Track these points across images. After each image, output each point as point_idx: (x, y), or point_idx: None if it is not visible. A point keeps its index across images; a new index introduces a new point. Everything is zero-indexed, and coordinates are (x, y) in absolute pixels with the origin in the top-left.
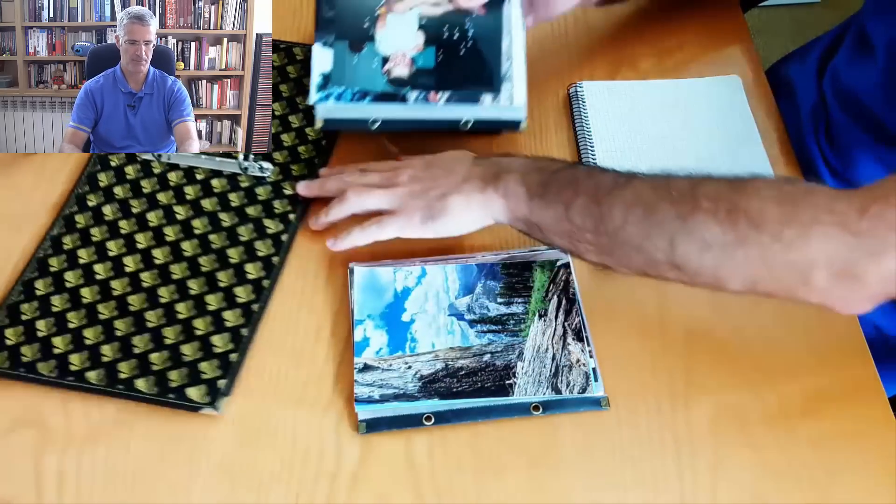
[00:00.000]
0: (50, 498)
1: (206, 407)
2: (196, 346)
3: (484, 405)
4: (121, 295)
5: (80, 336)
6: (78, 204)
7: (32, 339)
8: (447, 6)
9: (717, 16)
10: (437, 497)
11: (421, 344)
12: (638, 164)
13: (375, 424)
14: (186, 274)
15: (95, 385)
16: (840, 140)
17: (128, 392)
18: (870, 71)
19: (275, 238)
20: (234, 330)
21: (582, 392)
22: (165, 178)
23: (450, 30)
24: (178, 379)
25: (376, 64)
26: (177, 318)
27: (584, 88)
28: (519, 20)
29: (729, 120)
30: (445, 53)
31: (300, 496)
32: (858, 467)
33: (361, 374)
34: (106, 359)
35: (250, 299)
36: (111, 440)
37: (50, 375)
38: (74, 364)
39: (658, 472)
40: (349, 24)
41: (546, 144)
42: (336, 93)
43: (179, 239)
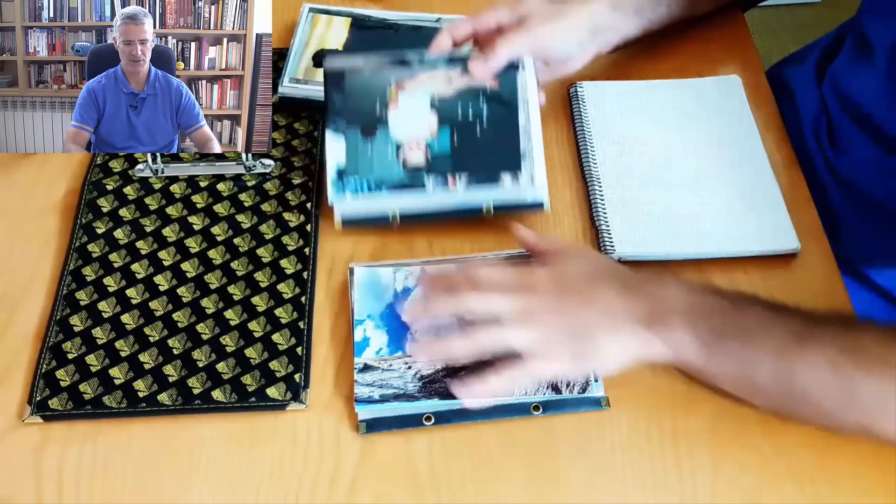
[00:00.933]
0: (50, 498)
1: (291, 403)
2: (259, 347)
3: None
4: (164, 314)
5: (137, 362)
6: (86, 234)
7: (87, 375)
8: (459, 82)
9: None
10: (437, 497)
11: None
12: (638, 164)
13: (375, 424)
14: (224, 281)
15: (170, 406)
16: (842, 142)
17: (207, 406)
18: (870, 75)
19: (300, 230)
20: (291, 325)
21: (582, 392)
22: (168, 192)
23: (463, 109)
24: (253, 382)
25: (391, 152)
26: (230, 326)
27: (583, 88)
28: (534, 87)
29: (729, 120)
30: (461, 136)
31: (300, 496)
32: (858, 468)
33: (361, 374)
34: (172, 378)
35: (296, 293)
36: (111, 440)
37: (121, 407)
38: (142, 390)
39: (658, 472)
40: (360, 109)
41: (546, 144)
42: (353, 184)
43: (204, 248)
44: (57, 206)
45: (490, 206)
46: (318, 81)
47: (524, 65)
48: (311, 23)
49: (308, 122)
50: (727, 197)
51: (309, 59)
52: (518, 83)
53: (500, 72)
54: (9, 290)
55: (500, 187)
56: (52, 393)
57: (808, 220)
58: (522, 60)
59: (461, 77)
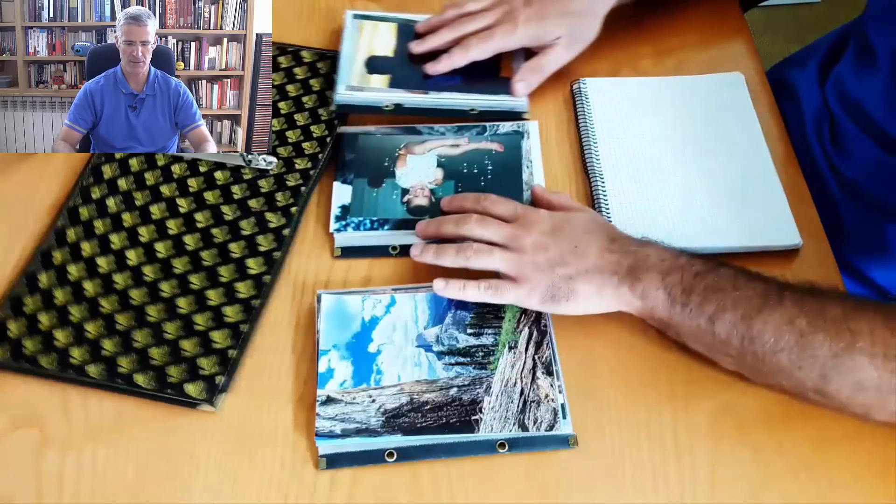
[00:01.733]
0: (50, 498)
1: (203, 403)
2: (196, 341)
3: (448, 441)
4: (122, 289)
5: (82, 330)
6: (82, 196)
7: (34, 331)
8: (466, 147)
9: (718, 15)
10: (437, 497)
11: (386, 376)
12: (641, 160)
13: (336, 460)
14: (188, 268)
15: (95, 380)
16: (845, 143)
17: (127, 387)
18: (873, 79)
19: (276, 233)
20: (233, 326)
21: (549, 429)
22: (169, 170)
23: (469, 166)
24: (177, 375)
25: (396, 195)
26: (178, 314)
27: (587, 85)
28: (537, 151)
29: (732, 117)
30: (465, 186)
31: (300, 496)
32: (858, 467)
33: (324, 406)
34: (106, 353)
35: (251, 295)
36: (111, 440)
37: (50, 369)
38: (75, 358)
39: (658, 472)
40: (369, 165)
41: (549, 141)
42: (354, 222)
43: (182, 232)
44: (57, 203)
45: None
46: (375, 87)
47: (528, 132)
48: (358, 29)
49: (325, 126)
50: (729, 192)
51: (362, 66)
52: (523, 148)
53: (505, 138)
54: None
55: None
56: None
57: (808, 219)
58: (527, 129)
59: (468, 144)
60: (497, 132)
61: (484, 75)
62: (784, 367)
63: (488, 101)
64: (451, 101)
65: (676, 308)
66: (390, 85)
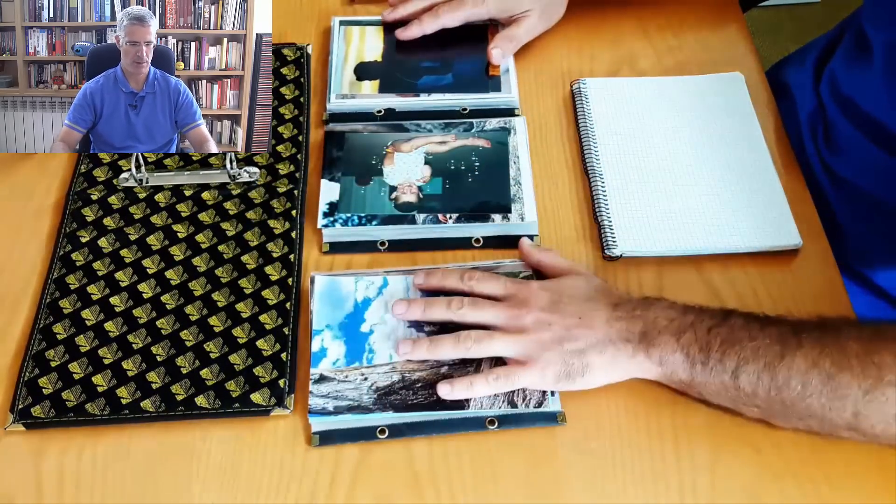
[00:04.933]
0: (50, 498)
1: (276, 408)
2: (244, 353)
3: (439, 418)
4: (147, 322)
5: (121, 369)
6: (70, 242)
7: (70, 383)
8: (453, 144)
9: (717, 15)
10: (436, 497)
11: (378, 355)
12: (641, 160)
13: (329, 437)
14: (208, 288)
15: (153, 413)
16: (839, 143)
17: (191, 412)
18: (867, 73)
19: (285, 237)
20: (275, 331)
21: (538, 406)
22: (153, 201)
23: (456, 163)
24: (237, 388)
25: (384, 192)
26: (214, 332)
27: (587, 85)
28: (525, 146)
29: (732, 116)
30: (452, 183)
31: (300, 497)
32: (858, 468)
33: (317, 385)
34: (156, 385)
35: (281, 299)
36: (111, 440)
37: (104, 414)
38: (124, 397)
39: (657, 472)
40: (356, 162)
41: (549, 141)
42: (342, 218)
43: (188, 256)
44: (57, 206)
45: (479, 238)
46: (365, 94)
47: (516, 128)
48: (345, 37)
49: (293, 125)
50: (729, 193)
51: (351, 74)
52: (510, 143)
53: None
54: (9, 290)
55: (491, 224)
56: (35, 401)
57: (807, 220)
58: (514, 125)
59: (455, 141)
60: (484, 128)
61: (473, 75)
62: (815, 411)
63: (479, 101)
64: (442, 103)
65: (697, 368)
66: (380, 90)
